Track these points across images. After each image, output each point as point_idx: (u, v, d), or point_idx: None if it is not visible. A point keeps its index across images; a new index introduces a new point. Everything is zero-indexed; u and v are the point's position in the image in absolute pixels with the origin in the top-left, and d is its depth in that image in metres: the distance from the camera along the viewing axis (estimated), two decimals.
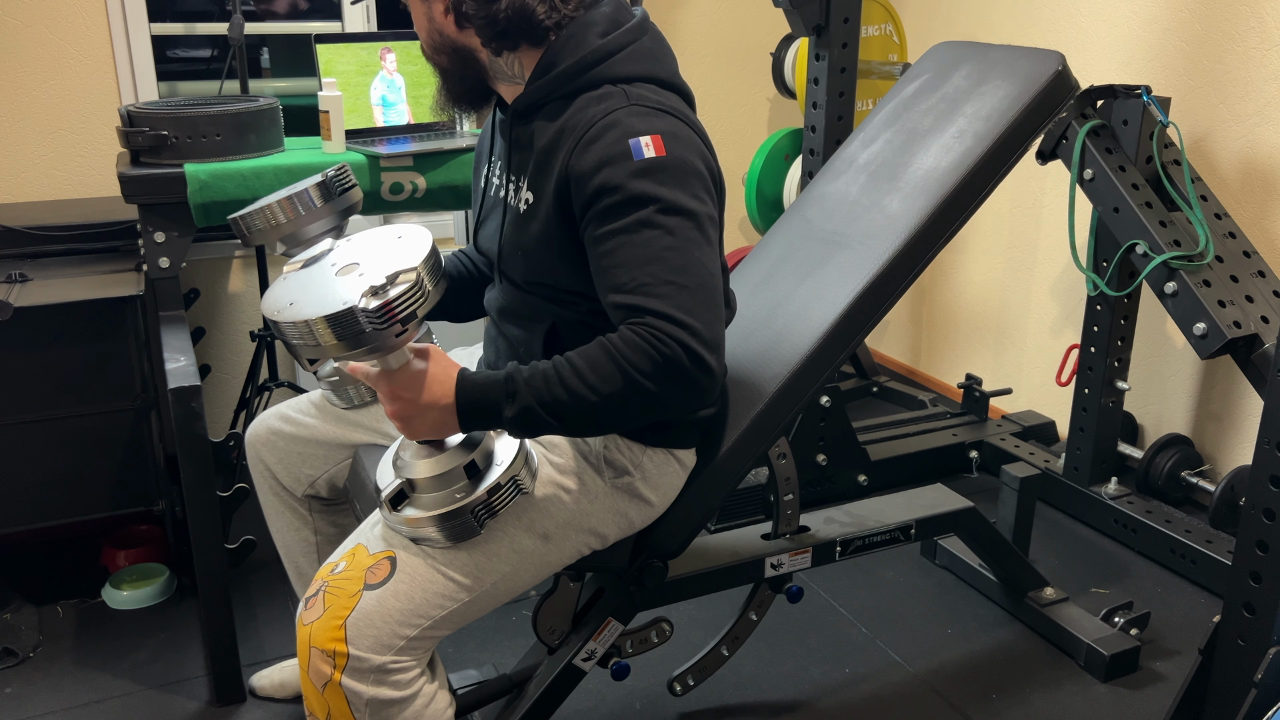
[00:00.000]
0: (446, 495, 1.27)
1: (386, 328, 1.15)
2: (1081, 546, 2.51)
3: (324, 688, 1.27)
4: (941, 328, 3.46)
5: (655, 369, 1.21)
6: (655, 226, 1.24)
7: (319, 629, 1.27)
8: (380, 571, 1.29)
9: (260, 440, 1.70)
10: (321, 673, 1.26)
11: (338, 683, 1.26)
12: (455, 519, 1.27)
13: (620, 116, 1.28)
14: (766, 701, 1.96)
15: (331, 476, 1.70)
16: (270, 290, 1.24)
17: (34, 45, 2.49)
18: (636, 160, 1.25)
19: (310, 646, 1.27)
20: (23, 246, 2.22)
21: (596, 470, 1.42)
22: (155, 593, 2.25)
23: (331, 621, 1.26)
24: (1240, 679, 1.57)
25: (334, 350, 1.16)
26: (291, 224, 1.51)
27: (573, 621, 1.63)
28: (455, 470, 1.27)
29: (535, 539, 1.37)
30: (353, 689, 1.26)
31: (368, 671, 1.26)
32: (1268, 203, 2.41)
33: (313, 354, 1.18)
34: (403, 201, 2.09)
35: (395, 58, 2.23)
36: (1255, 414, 2.49)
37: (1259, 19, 2.36)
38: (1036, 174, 2.97)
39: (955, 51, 1.92)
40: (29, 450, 2.08)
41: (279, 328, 1.17)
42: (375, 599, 1.27)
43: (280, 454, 1.69)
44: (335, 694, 1.26)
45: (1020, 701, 1.96)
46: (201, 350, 2.81)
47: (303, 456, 1.69)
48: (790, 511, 1.84)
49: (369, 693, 1.26)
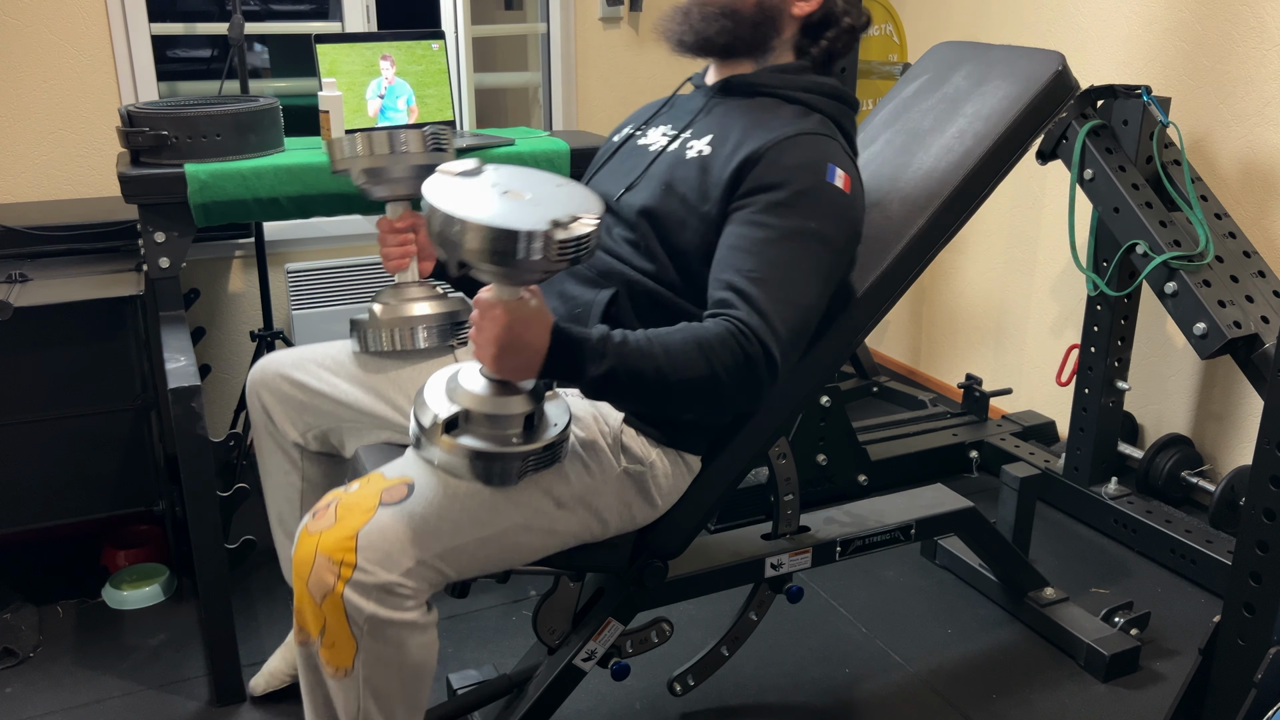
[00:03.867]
0: (500, 436, 1.25)
1: (550, 262, 1.15)
2: (1081, 546, 2.51)
3: (323, 599, 1.23)
4: (941, 328, 3.47)
5: (735, 364, 1.27)
6: (804, 244, 1.35)
7: (329, 537, 1.24)
8: (397, 493, 1.28)
9: (264, 381, 1.68)
10: (324, 583, 1.23)
11: (339, 595, 1.22)
12: (500, 461, 1.25)
13: (833, 147, 1.43)
14: (766, 701, 1.96)
15: (327, 431, 1.68)
16: (432, 181, 1.22)
17: (34, 45, 2.49)
18: (826, 181, 1.38)
19: (317, 554, 1.23)
20: (23, 246, 2.22)
21: (613, 453, 1.43)
22: (155, 593, 2.25)
23: (343, 531, 1.24)
24: (1240, 679, 1.57)
25: (477, 259, 1.15)
26: (382, 160, 1.56)
27: (573, 621, 1.63)
28: (517, 417, 1.26)
29: (549, 501, 1.37)
30: (354, 603, 1.22)
31: (372, 587, 1.23)
32: (1268, 203, 2.41)
33: (450, 253, 1.17)
34: None
35: (394, 63, 2.24)
36: (1255, 414, 2.49)
37: (1259, 19, 2.36)
38: (1036, 174, 2.97)
39: (955, 51, 1.92)
40: (29, 450, 2.08)
41: (435, 214, 1.16)
42: (390, 515, 1.25)
43: (281, 398, 1.67)
44: (335, 607, 1.23)
45: (1020, 701, 1.96)
46: (201, 350, 2.81)
47: (304, 406, 1.66)
48: (790, 511, 1.84)
49: (369, 609, 1.23)
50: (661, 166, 1.51)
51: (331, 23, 2.90)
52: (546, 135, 2.33)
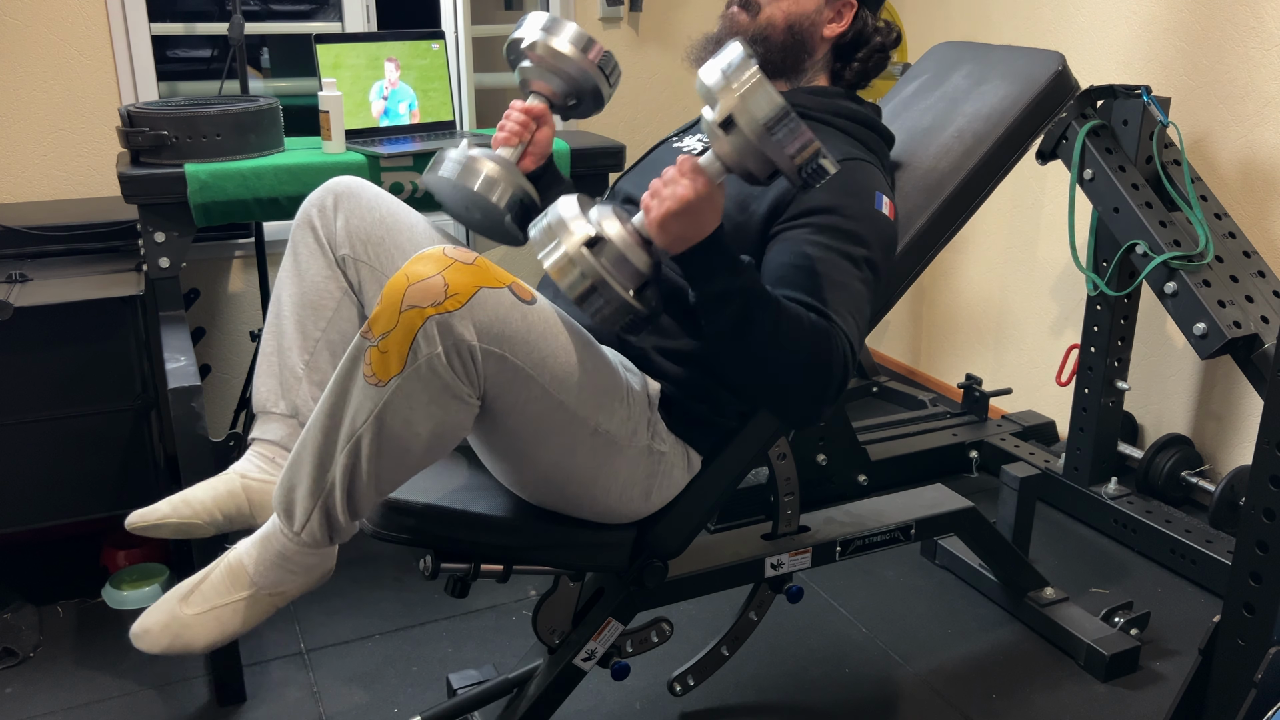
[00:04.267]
0: (622, 280, 1.28)
1: (788, 160, 1.22)
2: (1081, 546, 2.51)
3: (407, 309, 1.19)
4: (941, 328, 3.47)
5: (832, 361, 1.30)
6: (859, 268, 1.39)
7: (461, 270, 1.21)
8: (526, 294, 1.28)
9: (348, 192, 1.56)
10: (423, 297, 1.18)
11: (426, 315, 1.19)
12: (608, 296, 1.27)
13: (878, 176, 1.48)
14: (766, 701, 1.96)
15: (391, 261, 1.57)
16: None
17: (34, 45, 2.49)
18: (875, 209, 1.41)
19: (440, 273, 1.20)
20: (23, 246, 2.22)
21: (648, 425, 1.43)
22: (155, 593, 2.25)
23: (476, 277, 1.21)
24: (1240, 679, 1.57)
25: (744, 116, 1.20)
26: (565, 52, 1.62)
27: (573, 621, 1.63)
28: (639, 272, 1.29)
29: (593, 420, 1.35)
30: (430, 334, 1.19)
31: (456, 336, 1.20)
32: (1268, 203, 2.41)
33: (720, 98, 1.21)
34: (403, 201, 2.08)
35: (399, 66, 2.24)
36: (1255, 414, 2.49)
37: (1259, 19, 2.36)
38: (1036, 174, 2.97)
39: (955, 51, 1.92)
40: (29, 450, 2.08)
41: (733, 53, 1.21)
42: (512, 302, 1.25)
43: (355, 207, 1.56)
44: (410, 324, 1.19)
45: (1020, 701, 1.96)
46: (201, 350, 2.81)
47: (377, 230, 1.56)
48: (790, 511, 1.84)
49: (438, 349, 1.20)
50: None
51: (331, 23, 2.90)
52: None
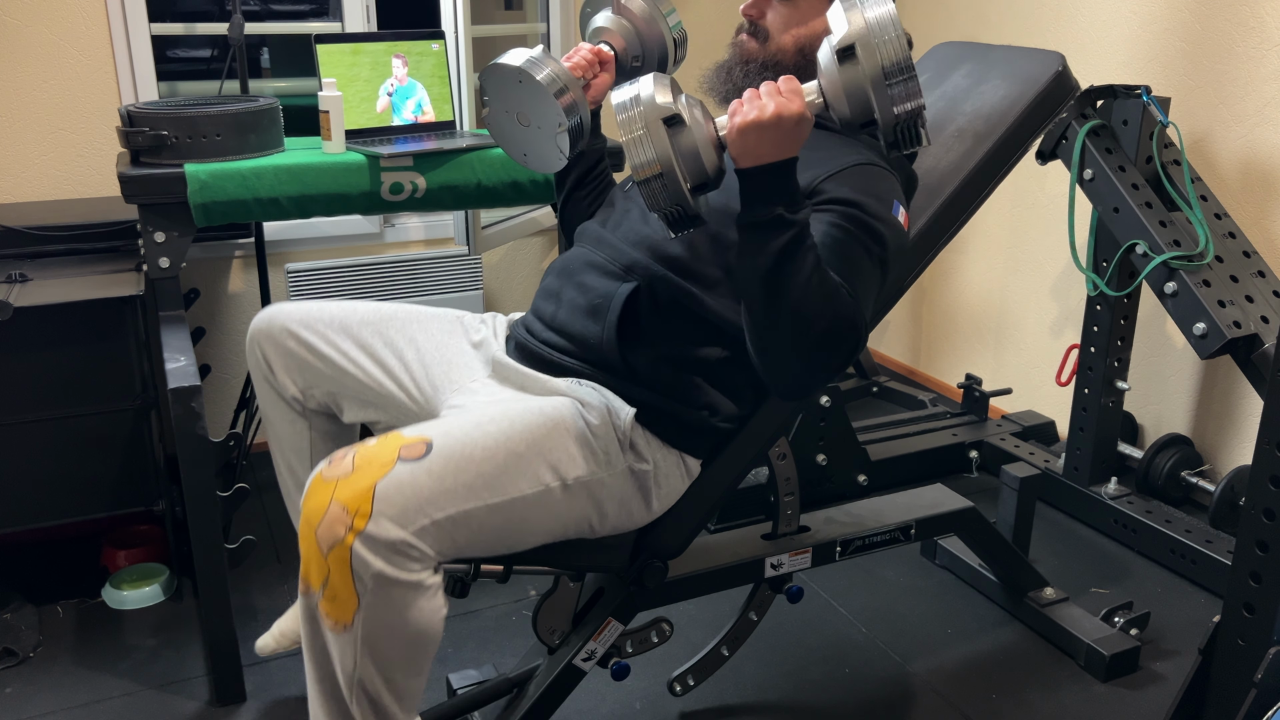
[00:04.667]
0: (686, 170, 1.27)
1: (888, 103, 1.24)
2: (1081, 546, 2.51)
3: (330, 550, 1.21)
4: (941, 328, 3.47)
5: (849, 324, 1.29)
6: (874, 262, 1.39)
7: (346, 486, 1.21)
8: (416, 450, 1.26)
9: (268, 334, 1.65)
10: (334, 533, 1.20)
11: (348, 546, 1.20)
12: (669, 185, 1.27)
13: (895, 185, 1.47)
14: (766, 701, 1.96)
15: (328, 394, 1.65)
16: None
17: (34, 45, 2.49)
18: (892, 215, 1.42)
19: (331, 500, 1.21)
20: (23, 246, 2.22)
21: (622, 447, 1.43)
22: (155, 593, 2.25)
23: (362, 480, 1.22)
24: (1240, 679, 1.57)
25: (865, 51, 1.22)
26: (640, 21, 1.67)
27: (573, 621, 1.63)
28: (707, 171, 1.29)
29: (557, 480, 1.36)
30: (362, 557, 1.20)
31: (384, 543, 1.21)
32: (1268, 203, 2.41)
33: (846, 22, 1.24)
34: (403, 201, 2.09)
35: (407, 63, 2.24)
36: (1255, 414, 2.49)
37: (1259, 19, 2.36)
38: (1036, 174, 2.97)
39: (955, 51, 1.92)
40: (29, 450, 2.08)
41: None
42: (409, 471, 1.24)
43: (284, 353, 1.64)
44: (341, 559, 1.21)
45: (1020, 702, 1.96)
46: (201, 350, 2.81)
47: (306, 365, 1.63)
48: (790, 511, 1.84)
49: (377, 565, 1.21)
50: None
51: (331, 23, 2.91)
52: None
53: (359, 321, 1.63)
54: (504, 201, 2.19)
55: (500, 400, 1.45)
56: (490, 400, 1.46)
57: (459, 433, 1.31)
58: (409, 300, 2.93)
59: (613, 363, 1.46)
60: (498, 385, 1.53)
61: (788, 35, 1.54)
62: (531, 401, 1.41)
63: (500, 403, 1.42)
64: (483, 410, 1.38)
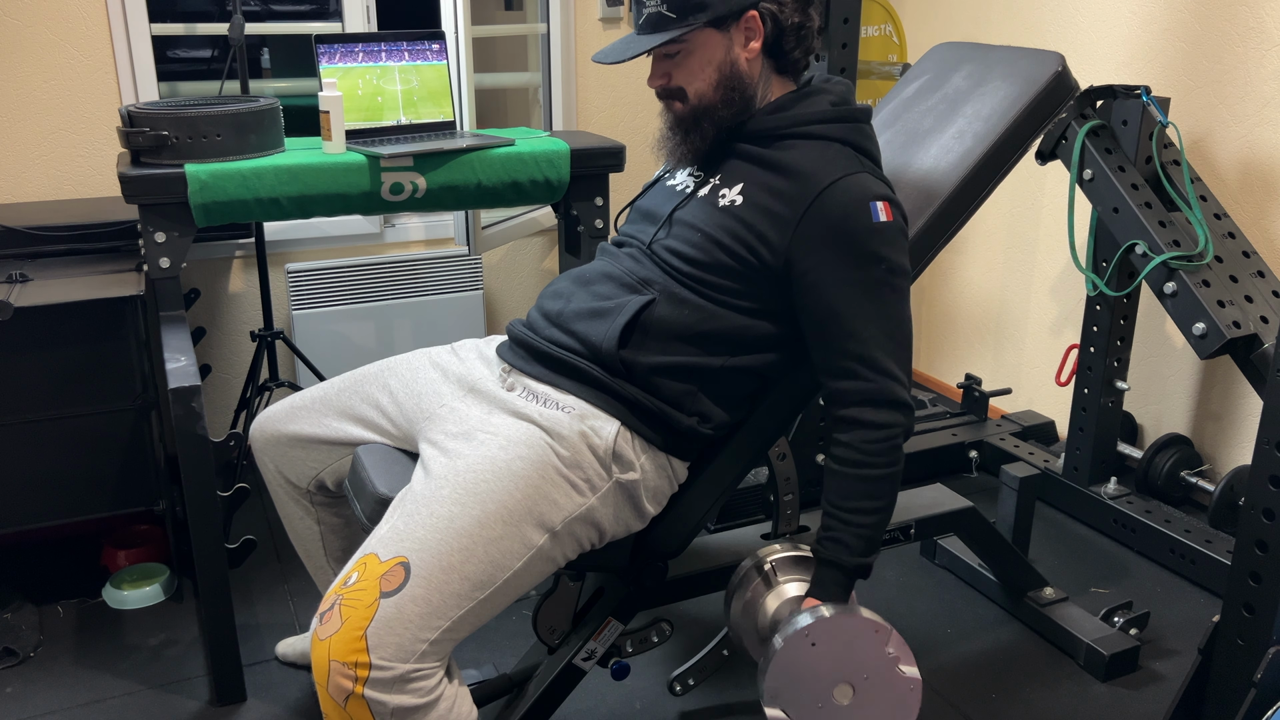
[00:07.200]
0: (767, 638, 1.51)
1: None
2: (1081, 546, 2.51)
3: (346, 702, 1.26)
4: (941, 328, 3.47)
5: (894, 446, 1.44)
6: (887, 284, 1.43)
7: (338, 642, 1.26)
8: (395, 578, 1.29)
9: (264, 446, 1.72)
10: (343, 688, 1.25)
11: (360, 695, 1.25)
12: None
13: (863, 180, 1.44)
14: None
15: (335, 471, 1.70)
16: None
17: (34, 45, 2.49)
18: (874, 222, 1.42)
19: (330, 661, 1.26)
20: (23, 246, 2.22)
21: (604, 466, 1.43)
22: (155, 593, 2.25)
23: (351, 633, 1.26)
24: (1240, 679, 1.57)
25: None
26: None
27: (573, 621, 1.63)
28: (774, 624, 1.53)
29: (544, 534, 1.39)
30: (377, 699, 1.25)
31: (391, 681, 1.25)
32: (1267, 203, 2.41)
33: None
34: (403, 201, 2.09)
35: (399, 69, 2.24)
36: (1255, 414, 2.49)
37: (1258, 19, 2.36)
38: (1036, 174, 2.98)
39: (955, 52, 1.92)
40: (29, 450, 2.08)
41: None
42: (394, 605, 1.27)
43: (282, 452, 1.70)
44: (359, 707, 1.25)
45: (1020, 701, 1.96)
46: (201, 350, 2.81)
47: (304, 455, 1.69)
48: (790, 511, 1.84)
49: (394, 701, 1.26)
50: (697, 210, 1.52)
51: (332, 23, 2.91)
52: (546, 135, 2.33)
53: (337, 392, 1.69)
54: (504, 202, 2.19)
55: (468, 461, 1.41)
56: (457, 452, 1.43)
57: (434, 539, 1.32)
58: (409, 300, 2.94)
59: (611, 363, 1.46)
60: (466, 407, 1.53)
61: (701, 81, 1.49)
62: (498, 458, 1.39)
63: (469, 470, 1.39)
64: (453, 485, 1.37)
